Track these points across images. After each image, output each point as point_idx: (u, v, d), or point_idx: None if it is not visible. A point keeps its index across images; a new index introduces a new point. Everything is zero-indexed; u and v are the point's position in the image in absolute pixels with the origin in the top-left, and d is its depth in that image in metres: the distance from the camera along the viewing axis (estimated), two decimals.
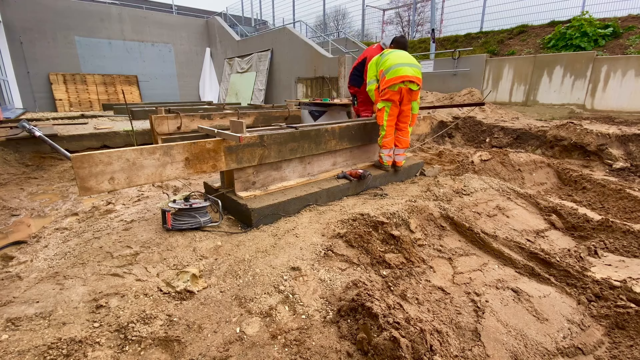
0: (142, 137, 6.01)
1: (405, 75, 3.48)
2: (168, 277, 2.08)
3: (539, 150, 5.78)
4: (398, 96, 3.56)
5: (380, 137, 3.79)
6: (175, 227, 2.66)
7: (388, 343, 1.47)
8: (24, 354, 1.50)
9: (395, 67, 3.52)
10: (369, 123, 3.97)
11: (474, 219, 2.87)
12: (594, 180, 3.89)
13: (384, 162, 3.91)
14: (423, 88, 10.02)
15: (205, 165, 2.67)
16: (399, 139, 3.85)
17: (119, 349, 1.57)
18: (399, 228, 2.53)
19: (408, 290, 2.02)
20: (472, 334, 1.75)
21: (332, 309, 1.83)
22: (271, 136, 3.02)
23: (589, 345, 1.75)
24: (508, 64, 8.47)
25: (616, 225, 2.81)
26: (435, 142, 6.97)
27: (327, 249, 2.32)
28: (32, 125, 5.13)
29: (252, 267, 2.16)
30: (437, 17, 11.83)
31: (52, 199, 3.84)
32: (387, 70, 3.57)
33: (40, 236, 2.79)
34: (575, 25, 8.03)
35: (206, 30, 18.98)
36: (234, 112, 6.24)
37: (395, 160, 3.95)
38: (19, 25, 13.43)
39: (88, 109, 14.66)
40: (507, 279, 2.21)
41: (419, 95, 3.71)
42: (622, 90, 6.85)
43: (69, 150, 3.84)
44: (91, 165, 2.15)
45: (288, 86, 13.92)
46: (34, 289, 1.97)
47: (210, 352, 1.57)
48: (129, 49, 16.51)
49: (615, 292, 2.00)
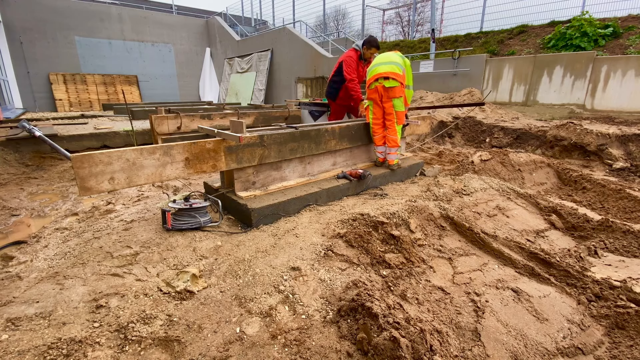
0: (142, 137, 6.01)
1: (378, 73, 3.71)
2: (168, 277, 2.08)
3: (539, 150, 5.78)
4: (376, 94, 3.79)
5: (372, 136, 4.02)
6: (175, 227, 2.66)
7: (388, 343, 1.47)
8: (24, 354, 1.49)
9: (372, 69, 3.85)
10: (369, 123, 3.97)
11: (474, 219, 2.87)
12: (594, 180, 3.89)
13: (376, 158, 4.13)
14: (423, 88, 10.02)
15: (205, 165, 2.67)
16: (387, 138, 3.93)
17: (119, 349, 1.57)
18: (399, 228, 2.53)
19: (408, 290, 2.02)
20: (472, 334, 1.75)
21: (332, 309, 1.83)
22: (271, 136, 3.02)
23: (589, 345, 1.75)
24: (508, 64, 8.47)
25: (616, 225, 2.81)
26: (435, 142, 6.97)
27: (327, 249, 2.32)
28: (32, 125, 5.13)
29: (252, 267, 2.16)
30: (437, 17, 11.83)
31: (52, 199, 3.84)
32: (368, 73, 3.93)
33: (40, 236, 2.79)
34: (575, 25, 8.03)
35: (206, 30, 18.98)
36: (234, 112, 6.23)
37: (387, 158, 4.03)
38: (19, 25, 13.43)
39: (88, 109, 14.66)
40: (507, 279, 2.21)
41: (403, 93, 3.76)
42: (622, 90, 6.85)
43: (69, 150, 3.85)
44: (91, 165, 2.15)
45: (288, 86, 13.93)
46: (34, 289, 1.97)
47: (210, 352, 1.57)
48: (129, 49, 16.51)
49: (615, 292, 2.00)
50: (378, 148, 4.02)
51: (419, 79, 10.33)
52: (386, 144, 3.95)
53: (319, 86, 12.44)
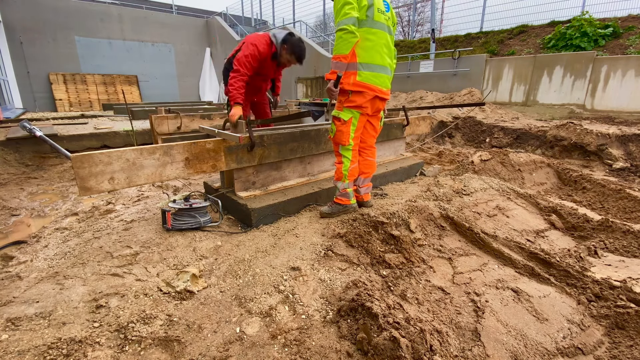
0: (142, 137, 6.00)
1: (380, 91, 2.66)
2: (168, 277, 2.08)
3: (539, 150, 5.78)
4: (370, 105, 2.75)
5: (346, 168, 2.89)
6: (175, 227, 2.66)
7: (388, 343, 1.47)
8: (24, 354, 1.49)
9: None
10: None
11: (474, 219, 2.87)
12: (594, 180, 3.89)
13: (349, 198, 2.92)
14: (423, 88, 10.04)
15: (205, 165, 2.67)
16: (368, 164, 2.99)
17: (119, 349, 1.57)
18: (399, 228, 2.53)
19: (408, 290, 2.02)
20: (472, 334, 1.75)
21: (332, 309, 1.83)
22: (271, 136, 3.02)
23: (589, 345, 1.75)
24: (508, 64, 8.47)
25: (616, 225, 2.81)
26: (435, 142, 6.97)
27: (327, 249, 2.32)
28: (32, 125, 5.14)
29: (252, 267, 2.16)
30: (437, 17, 11.83)
31: (52, 199, 3.84)
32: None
33: (40, 236, 2.79)
34: (575, 25, 8.03)
35: (206, 30, 18.97)
36: None
37: (362, 193, 2.97)
38: (19, 25, 13.42)
39: (88, 109, 14.65)
40: (507, 279, 2.21)
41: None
42: (622, 90, 6.85)
43: (69, 150, 3.85)
44: (91, 165, 2.15)
45: (288, 86, 13.92)
46: (34, 289, 1.97)
47: (210, 352, 1.57)
48: (129, 49, 16.50)
49: (615, 292, 2.00)
50: (356, 182, 2.87)
51: (419, 79, 10.33)
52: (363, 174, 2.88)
53: (319, 86, 12.44)
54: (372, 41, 2.35)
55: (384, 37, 2.42)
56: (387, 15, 2.46)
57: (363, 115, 2.52)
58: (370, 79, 2.40)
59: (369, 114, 2.51)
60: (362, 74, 2.37)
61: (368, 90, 2.40)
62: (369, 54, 2.35)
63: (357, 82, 2.36)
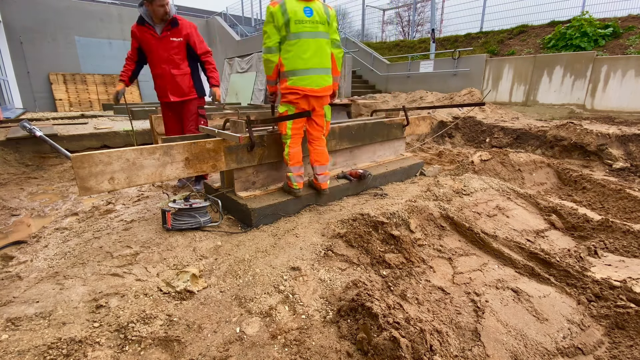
0: (142, 137, 6.00)
1: (312, 90, 2.95)
2: (168, 277, 2.08)
3: (539, 150, 5.78)
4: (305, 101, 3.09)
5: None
6: (175, 227, 2.66)
7: (388, 343, 1.47)
8: (23, 353, 1.49)
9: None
10: (369, 123, 3.97)
11: (474, 219, 2.87)
12: (594, 180, 3.89)
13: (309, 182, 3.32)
14: (423, 88, 10.04)
15: (205, 165, 2.67)
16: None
17: (119, 349, 1.57)
18: (399, 228, 2.53)
19: (408, 290, 2.02)
20: (472, 334, 1.75)
21: (332, 309, 1.83)
22: (271, 136, 3.02)
23: (589, 345, 1.75)
24: (508, 64, 8.47)
25: (616, 225, 2.81)
26: (435, 142, 6.97)
27: (327, 249, 2.32)
28: (32, 125, 5.13)
29: (252, 267, 2.16)
30: (437, 17, 11.84)
31: (52, 199, 3.84)
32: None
33: (40, 236, 2.79)
34: (575, 25, 8.03)
35: (206, 30, 18.96)
36: (234, 112, 6.23)
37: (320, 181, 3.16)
38: (19, 25, 13.42)
39: (88, 109, 14.65)
40: (507, 279, 2.21)
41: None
42: (622, 90, 6.85)
43: (69, 150, 3.85)
44: (91, 165, 2.15)
45: None
46: (34, 289, 1.97)
47: (210, 352, 1.57)
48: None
49: (615, 292, 2.00)
50: (313, 170, 3.14)
51: (419, 79, 10.34)
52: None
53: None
54: (292, 51, 2.75)
55: (305, 43, 2.75)
56: (309, 20, 2.75)
57: (298, 110, 2.92)
58: (297, 82, 2.80)
59: (305, 108, 2.89)
60: (290, 79, 2.81)
61: (297, 91, 2.82)
62: (291, 62, 2.77)
63: (288, 86, 2.83)
